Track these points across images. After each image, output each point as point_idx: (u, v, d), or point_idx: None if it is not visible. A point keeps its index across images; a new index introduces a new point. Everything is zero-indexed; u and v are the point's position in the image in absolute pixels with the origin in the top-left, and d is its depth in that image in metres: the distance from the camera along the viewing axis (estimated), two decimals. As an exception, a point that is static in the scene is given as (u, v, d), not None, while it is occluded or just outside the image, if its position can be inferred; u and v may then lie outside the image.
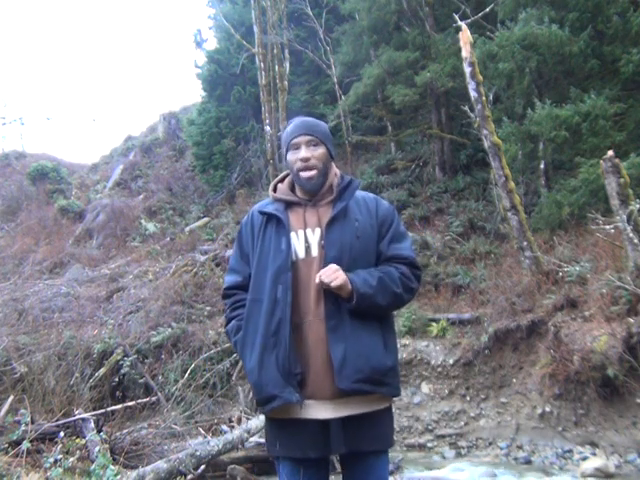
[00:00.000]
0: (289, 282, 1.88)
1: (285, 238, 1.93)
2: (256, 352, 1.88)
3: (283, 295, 1.87)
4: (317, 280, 1.83)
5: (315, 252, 1.93)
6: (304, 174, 1.98)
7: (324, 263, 1.88)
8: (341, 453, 1.89)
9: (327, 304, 1.87)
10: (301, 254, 1.94)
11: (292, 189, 2.08)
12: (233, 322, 2.04)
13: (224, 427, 6.25)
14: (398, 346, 2.12)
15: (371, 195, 2.11)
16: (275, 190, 2.10)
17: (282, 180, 2.14)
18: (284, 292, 1.87)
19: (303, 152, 1.98)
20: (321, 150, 2.01)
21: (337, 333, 1.85)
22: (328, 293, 1.87)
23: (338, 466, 3.24)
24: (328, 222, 1.93)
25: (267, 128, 14.44)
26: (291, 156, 2.02)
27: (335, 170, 2.08)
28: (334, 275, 1.82)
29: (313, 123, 2.06)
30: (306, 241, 1.95)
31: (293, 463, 1.90)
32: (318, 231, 1.95)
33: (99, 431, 4.46)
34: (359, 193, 2.07)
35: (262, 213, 2.03)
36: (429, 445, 6.46)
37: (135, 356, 8.33)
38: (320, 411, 1.84)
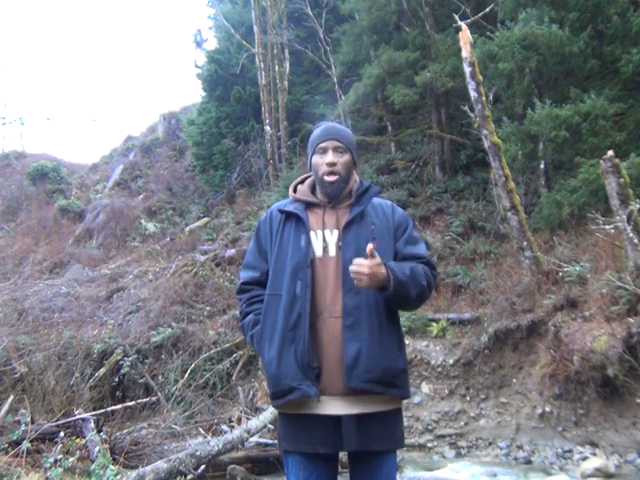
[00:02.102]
0: (308, 279, 1.92)
1: (305, 236, 1.98)
2: (275, 345, 1.92)
3: (302, 291, 1.91)
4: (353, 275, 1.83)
5: (332, 252, 1.98)
6: (328, 178, 2.03)
7: (342, 263, 1.93)
8: (351, 451, 1.90)
9: (346, 302, 1.90)
10: (318, 253, 1.98)
11: (312, 191, 2.13)
12: (250, 316, 2.07)
13: (224, 427, 6.25)
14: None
15: (388, 202, 2.18)
16: (295, 191, 2.15)
17: (302, 182, 2.19)
18: (303, 288, 1.92)
19: (330, 157, 2.04)
20: (347, 157, 2.07)
21: (353, 332, 1.88)
22: (347, 291, 1.91)
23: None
24: (345, 224, 1.98)
25: (267, 128, 14.45)
26: (317, 159, 2.07)
27: (355, 177, 2.14)
28: (365, 270, 1.81)
29: (341, 129, 2.12)
30: (324, 241, 1.99)
31: (302, 458, 1.92)
32: (336, 233, 2.00)
33: (99, 431, 4.46)
34: (377, 199, 2.14)
35: (281, 211, 2.09)
36: (429, 445, 6.45)
37: (135, 356, 8.34)
38: (332, 407, 1.87)
